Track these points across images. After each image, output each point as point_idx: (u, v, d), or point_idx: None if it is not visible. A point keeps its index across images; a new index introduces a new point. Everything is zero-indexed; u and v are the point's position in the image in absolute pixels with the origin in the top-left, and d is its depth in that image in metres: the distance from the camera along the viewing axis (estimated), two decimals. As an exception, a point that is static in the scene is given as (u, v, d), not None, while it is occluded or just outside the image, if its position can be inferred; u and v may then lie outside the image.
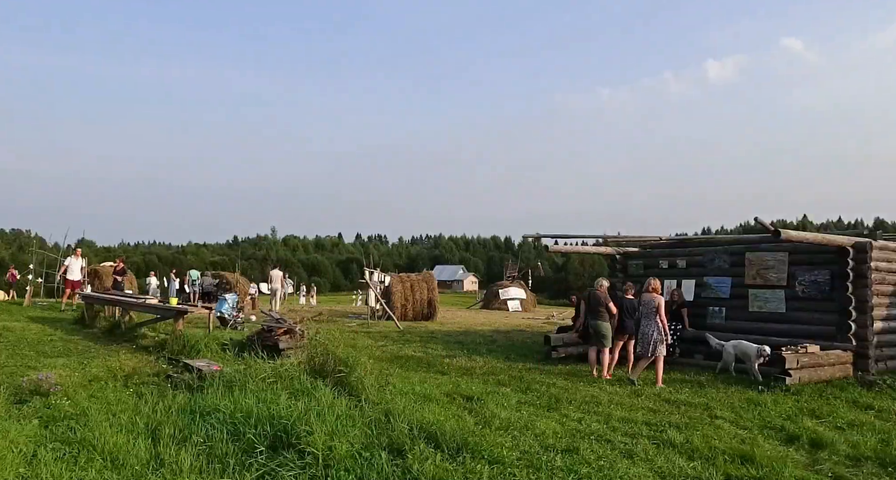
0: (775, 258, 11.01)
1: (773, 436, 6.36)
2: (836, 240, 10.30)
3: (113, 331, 13.04)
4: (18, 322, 14.60)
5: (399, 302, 21.86)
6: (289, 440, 5.03)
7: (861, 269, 10.02)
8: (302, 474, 4.52)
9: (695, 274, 12.35)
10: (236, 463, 4.65)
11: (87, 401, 6.35)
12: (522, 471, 4.81)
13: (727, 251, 11.93)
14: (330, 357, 7.42)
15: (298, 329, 10.68)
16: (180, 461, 4.57)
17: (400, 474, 4.57)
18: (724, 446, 5.77)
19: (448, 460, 4.88)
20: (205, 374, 7.29)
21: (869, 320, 9.97)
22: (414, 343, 14.28)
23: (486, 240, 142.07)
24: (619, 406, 7.51)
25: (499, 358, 11.96)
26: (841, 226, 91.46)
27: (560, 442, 5.70)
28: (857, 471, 5.31)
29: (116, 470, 4.43)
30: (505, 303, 32.57)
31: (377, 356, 10.49)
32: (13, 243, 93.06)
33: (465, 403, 7.30)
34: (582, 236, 15.85)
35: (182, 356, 9.49)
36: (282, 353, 9.60)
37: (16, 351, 10.41)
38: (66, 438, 5.03)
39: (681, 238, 15.85)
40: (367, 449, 4.94)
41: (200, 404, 5.90)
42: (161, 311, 12.52)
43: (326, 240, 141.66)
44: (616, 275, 13.85)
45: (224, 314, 15.61)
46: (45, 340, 11.93)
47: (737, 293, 11.57)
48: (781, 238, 9.39)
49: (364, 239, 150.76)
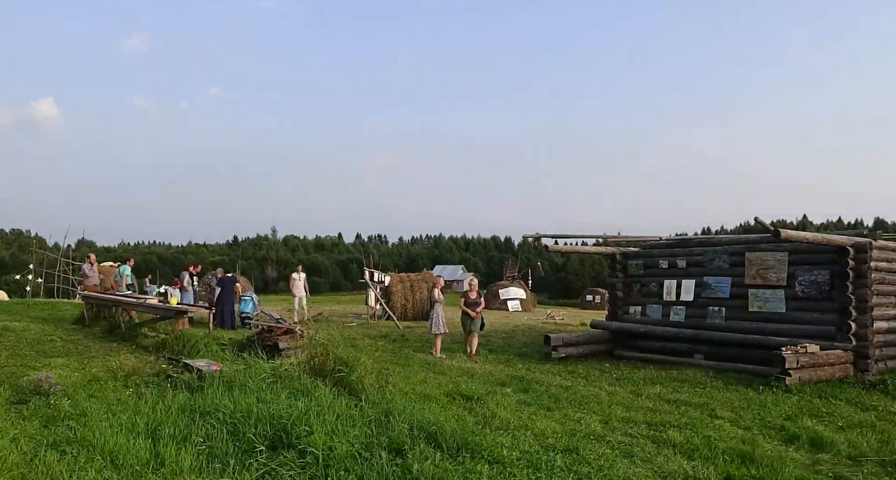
0: (775, 258, 11.01)
1: (773, 436, 6.36)
2: (836, 239, 10.30)
3: (113, 331, 13.05)
4: (19, 322, 14.60)
5: (399, 302, 21.87)
6: (289, 440, 5.04)
7: (861, 269, 10.02)
8: (302, 474, 4.52)
9: (695, 274, 12.35)
10: (236, 463, 4.65)
11: (87, 401, 6.36)
12: (522, 471, 4.81)
13: (727, 251, 11.93)
14: (330, 357, 7.43)
15: (298, 329, 10.69)
16: (180, 461, 4.57)
17: (400, 474, 4.57)
18: (724, 446, 5.77)
19: (448, 460, 4.89)
20: (205, 374, 7.29)
21: (869, 320, 9.97)
22: (414, 343, 14.28)
23: (486, 239, 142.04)
24: (619, 406, 7.51)
25: (499, 358, 11.97)
26: (841, 226, 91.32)
27: (560, 442, 5.70)
28: (857, 471, 5.31)
29: (116, 470, 4.43)
30: (505, 303, 32.56)
31: (377, 356, 10.48)
32: (13, 243, 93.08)
33: (465, 403, 7.30)
34: (582, 236, 15.86)
35: (182, 356, 9.50)
36: (282, 353, 9.60)
37: (16, 351, 10.42)
38: (66, 438, 5.03)
39: (681, 238, 15.85)
40: (367, 449, 4.95)
41: (200, 404, 5.90)
42: (161, 311, 12.53)
43: (326, 240, 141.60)
44: (616, 275, 13.86)
45: (248, 314, 15.64)
46: (45, 340, 11.93)
47: (737, 293, 11.57)
48: (781, 238, 9.40)
49: (364, 239, 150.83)
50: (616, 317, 13.68)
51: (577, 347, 12.41)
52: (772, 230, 9.25)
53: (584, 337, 12.85)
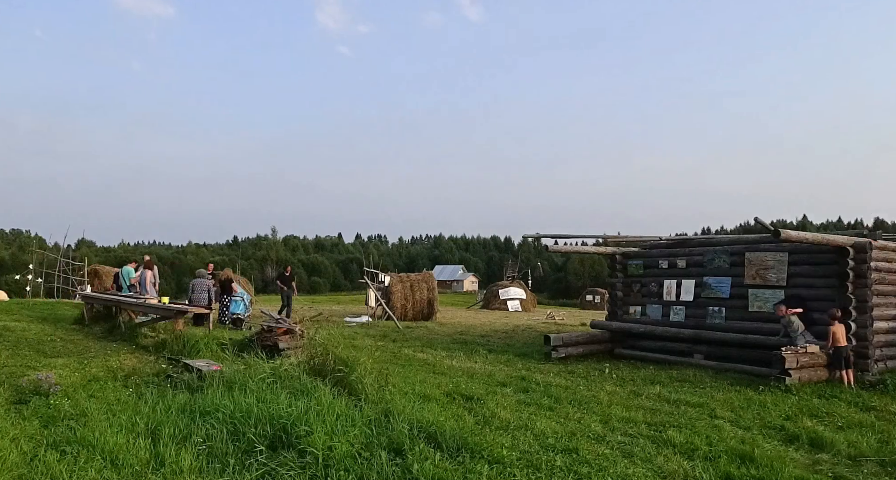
0: (775, 258, 11.01)
1: (773, 436, 6.36)
2: (836, 239, 10.30)
3: (113, 331, 13.04)
4: (19, 322, 14.60)
5: (399, 302, 21.86)
6: (289, 440, 5.04)
7: (861, 269, 10.02)
8: (302, 474, 4.52)
9: (695, 274, 12.35)
10: (236, 463, 4.65)
11: (87, 401, 6.35)
12: (522, 471, 4.81)
13: (727, 251, 11.93)
14: (330, 357, 7.43)
15: (298, 329, 10.68)
16: (180, 461, 4.57)
17: (400, 474, 4.57)
18: (724, 446, 5.77)
19: (448, 460, 4.89)
20: (205, 374, 7.29)
21: (869, 320, 9.97)
22: (414, 343, 14.28)
23: (486, 239, 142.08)
24: (618, 406, 7.51)
25: (499, 358, 11.96)
26: (841, 226, 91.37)
27: (560, 442, 5.70)
28: (857, 471, 5.31)
29: (116, 470, 4.43)
30: (505, 303, 32.58)
31: (377, 356, 10.48)
32: (13, 243, 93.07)
33: (464, 403, 7.30)
34: (582, 236, 15.84)
35: (182, 356, 9.49)
36: (282, 353, 9.59)
37: (16, 351, 10.41)
38: (66, 438, 5.02)
39: (681, 238, 15.86)
40: (366, 449, 4.95)
41: (200, 404, 5.90)
42: (161, 311, 12.52)
43: (326, 240, 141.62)
44: (616, 275, 13.87)
45: (240, 315, 15.56)
46: (45, 340, 11.93)
47: (737, 293, 11.57)
48: (781, 238, 9.40)
49: (364, 239, 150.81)
50: (616, 317, 13.69)
51: (577, 347, 12.40)
52: (772, 230, 9.25)
53: (584, 337, 12.85)
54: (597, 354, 12.64)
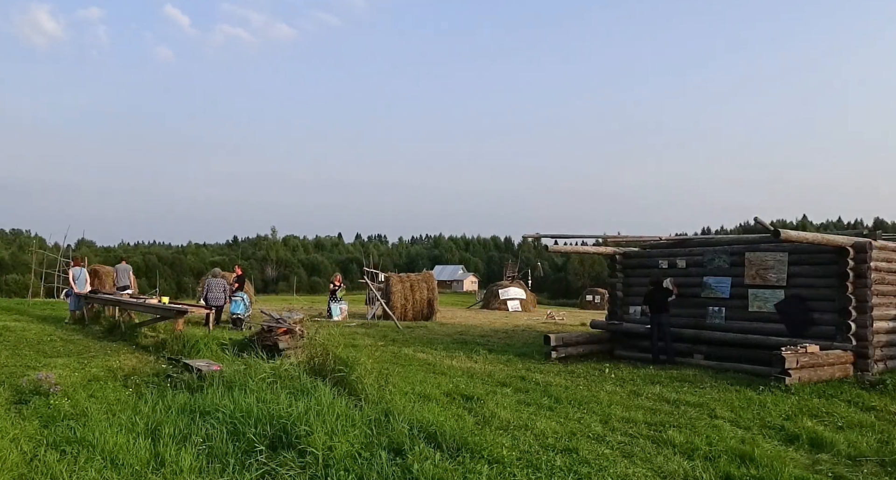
0: (775, 258, 11.01)
1: (773, 436, 6.36)
2: (836, 239, 10.30)
3: (113, 331, 13.05)
4: (18, 322, 14.61)
5: (399, 302, 21.85)
6: (289, 440, 5.04)
7: (861, 269, 10.02)
8: (302, 474, 4.52)
9: (695, 274, 12.35)
10: (236, 463, 4.65)
11: (87, 401, 6.36)
12: (522, 471, 4.81)
13: (727, 251, 11.93)
14: (330, 357, 7.44)
15: (298, 329, 10.68)
16: (180, 461, 4.57)
17: (400, 474, 4.57)
18: (724, 446, 5.77)
19: (448, 460, 4.89)
20: (205, 374, 7.29)
21: (869, 320, 9.97)
22: (414, 343, 14.28)
23: (486, 240, 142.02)
24: (618, 406, 7.51)
25: (499, 358, 11.96)
26: (841, 226, 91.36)
27: (560, 442, 5.70)
28: (857, 471, 5.31)
29: (116, 470, 4.43)
30: (505, 303, 32.58)
31: (377, 356, 10.49)
32: (13, 243, 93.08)
33: (464, 403, 7.30)
34: (582, 236, 15.84)
35: (182, 356, 9.50)
36: (282, 353, 9.60)
37: (16, 351, 10.42)
38: (66, 438, 5.03)
39: (681, 238, 15.84)
40: (367, 449, 4.95)
41: (200, 404, 5.90)
42: (161, 311, 12.53)
43: (326, 240, 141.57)
44: (616, 275, 13.86)
45: (240, 315, 15.58)
46: (45, 340, 11.94)
47: (737, 293, 11.57)
48: (781, 238, 9.40)
49: (364, 239, 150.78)
50: (616, 317, 13.68)
51: (577, 347, 12.41)
52: (772, 230, 9.26)
53: (584, 337, 12.85)
54: (597, 354, 12.65)
